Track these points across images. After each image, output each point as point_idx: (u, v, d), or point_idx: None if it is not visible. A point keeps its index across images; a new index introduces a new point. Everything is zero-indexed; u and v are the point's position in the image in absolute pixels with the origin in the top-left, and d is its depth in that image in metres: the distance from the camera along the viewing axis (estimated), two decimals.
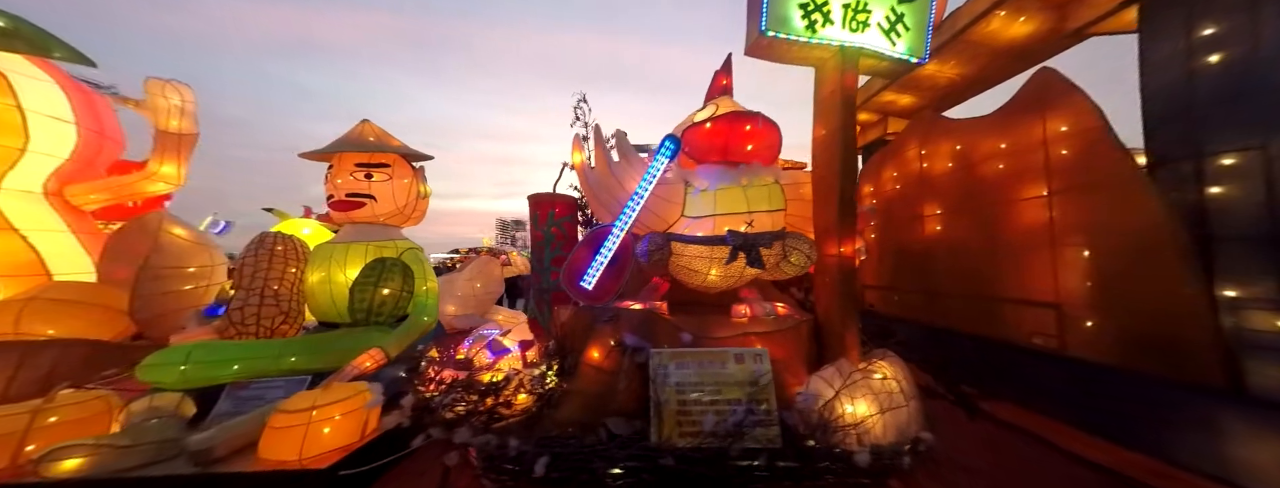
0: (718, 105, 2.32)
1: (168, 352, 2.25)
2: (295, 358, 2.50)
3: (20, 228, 2.95)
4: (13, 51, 2.92)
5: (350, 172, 3.14)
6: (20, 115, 2.86)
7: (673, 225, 2.29)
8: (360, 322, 2.75)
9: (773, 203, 2.17)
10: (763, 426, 1.62)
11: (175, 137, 3.48)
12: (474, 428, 1.63)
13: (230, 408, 2.24)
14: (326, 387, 1.98)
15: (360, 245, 3.10)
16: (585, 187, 2.39)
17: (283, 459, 1.75)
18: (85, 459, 1.62)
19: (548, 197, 3.45)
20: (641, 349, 1.87)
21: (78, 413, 1.86)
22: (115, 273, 2.99)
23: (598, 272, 2.21)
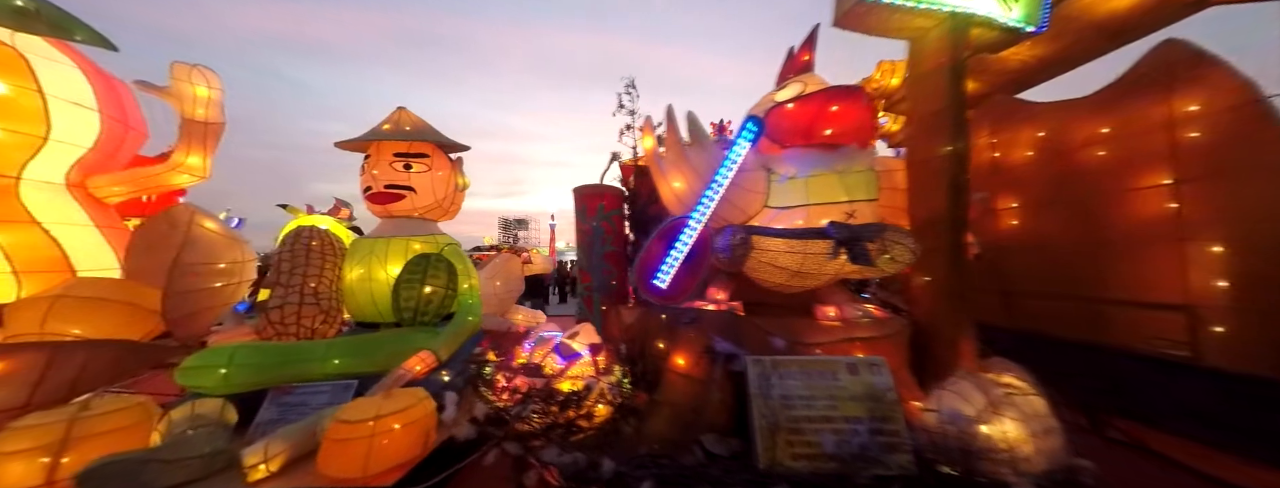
0: (805, 83, 2.12)
1: (208, 354, 2.10)
2: (339, 361, 2.34)
3: (43, 221, 2.82)
4: (33, 33, 2.78)
5: (389, 162, 2.98)
6: (42, 101, 2.72)
7: (753, 217, 2.10)
8: (405, 322, 2.59)
9: (870, 192, 1.96)
10: (893, 449, 1.42)
11: (201, 126, 3.33)
12: (560, 446, 1.45)
13: (275, 415, 2.09)
14: (387, 394, 1.81)
15: (401, 240, 2.94)
16: (656, 174, 2.19)
17: (345, 476, 1.58)
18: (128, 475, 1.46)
19: (596, 189, 3.27)
20: (735, 357, 1.67)
21: (116, 422, 1.72)
22: (142, 269, 2.85)
23: (673, 269, 2.01)
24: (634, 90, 3.34)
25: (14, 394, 2.12)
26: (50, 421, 1.61)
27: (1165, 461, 1.87)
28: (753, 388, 1.55)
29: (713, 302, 2.18)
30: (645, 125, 2.23)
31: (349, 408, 1.69)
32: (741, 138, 2.02)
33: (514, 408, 1.64)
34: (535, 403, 1.62)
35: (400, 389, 1.88)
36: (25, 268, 2.68)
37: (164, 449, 1.57)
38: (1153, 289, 2.26)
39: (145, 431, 1.79)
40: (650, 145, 2.18)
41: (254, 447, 1.61)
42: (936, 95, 1.96)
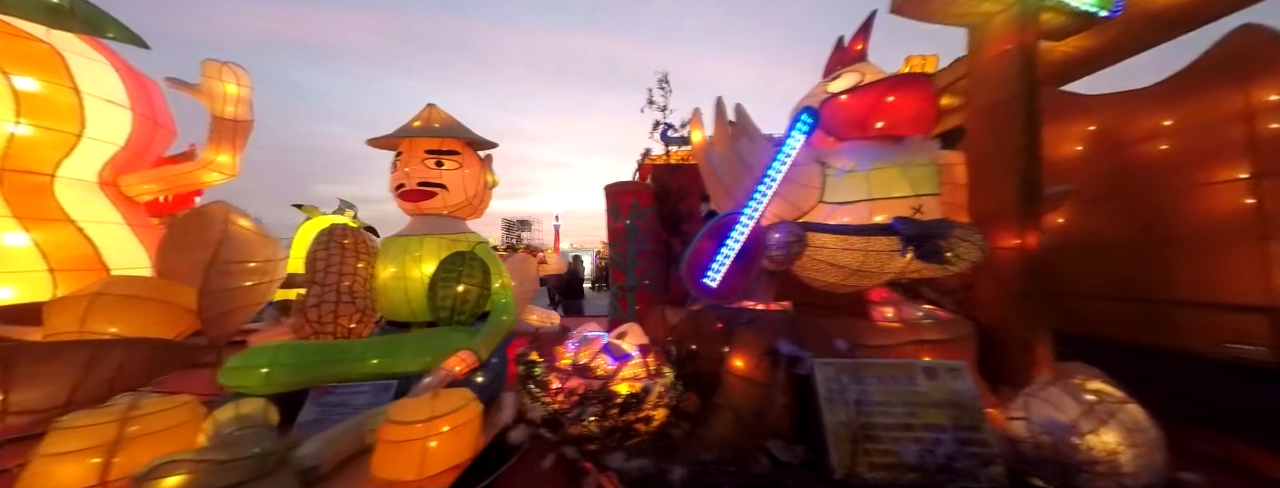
0: (862, 73, 2.05)
1: (251, 353, 2.07)
2: (377, 360, 2.31)
3: (77, 219, 2.82)
4: (67, 30, 2.78)
5: (421, 159, 2.94)
6: (77, 98, 2.72)
7: (806, 214, 2.02)
8: (442, 320, 2.55)
9: (934, 186, 1.89)
10: (984, 461, 1.33)
11: (231, 123, 3.33)
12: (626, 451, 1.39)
13: (316, 415, 2.06)
14: (435, 395, 1.77)
15: (434, 239, 2.90)
16: (705, 169, 2.13)
17: (400, 478, 1.54)
18: (187, 476, 1.43)
19: (629, 186, 3.22)
20: (800, 359, 1.60)
21: (165, 422, 1.69)
22: (175, 267, 2.84)
23: (724, 267, 1.95)
24: (666, 85, 3.27)
25: (55, 393, 2.10)
26: (101, 420, 1.58)
27: (1256, 476, 1.76)
28: (823, 393, 1.48)
29: (760, 302, 2.11)
30: (694, 119, 2.16)
31: (401, 409, 1.64)
32: (795, 131, 1.95)
33: (571, 411, 1.59)
34: (593, 405, 1.57)
35: (447, 390, 1.84)
36: (60, 266, 2.68)
37: (217, 450, 1.54)
38: (1229, 290, 2.15)
39: (192, 431, 1.76)
40: (699, 140, 2.12)
41: (306, 448, 1.57)
42: (1003, 84, 1.88)
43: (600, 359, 1.84)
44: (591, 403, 1.57)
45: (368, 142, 3.09)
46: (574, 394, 1.61)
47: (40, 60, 2.57)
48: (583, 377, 1.75)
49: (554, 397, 1.64)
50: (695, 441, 1.54)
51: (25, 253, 2.57)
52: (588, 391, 1.62)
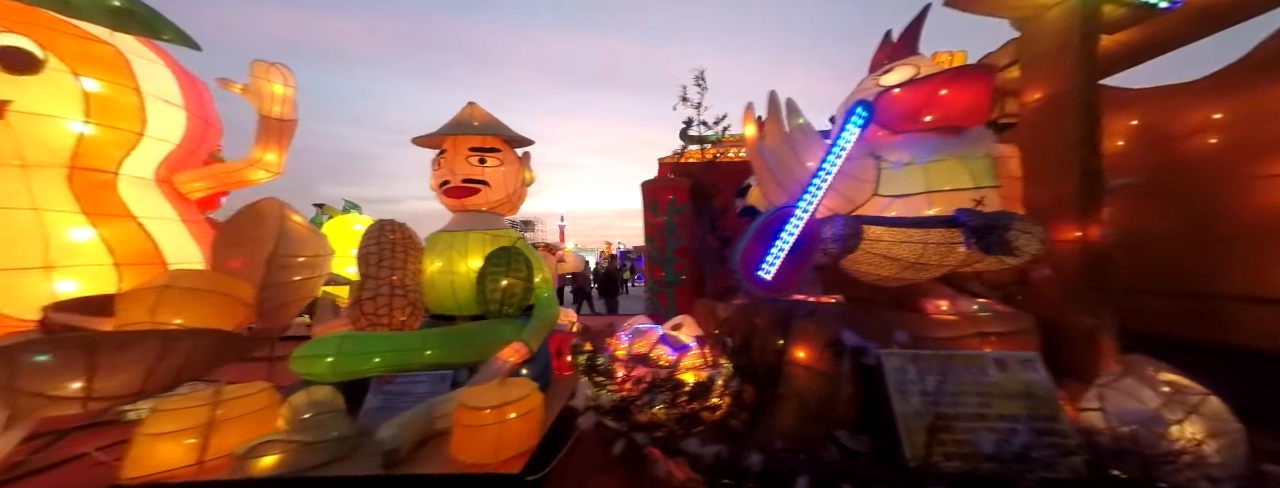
0: (917, 66, 2.06)
1: (317, 343, 2.15)
2: (432, 352, 2.37)
3: (138, 215, 2.93)
4: (128, 32, 2.88)
5: (465, 156, 3.01)
6: (139, 98, 2.82)
7: (860, 207, 2.05)
8: (491, 313, 2.61)
9: (993, 178, 1.90)
10: (1062, 451, 1.35)
11: (278, 123, 3.43)
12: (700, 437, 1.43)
13: (380, 403, 2.13)
14: (502, 383, 1.82)
15: (479, 234, 2.97)
16: (757, 163, 2.16)
17: (478, 461, 1.59)
18: (280, 455, 1.50)
19: (667, 183, 3.25)
20: (865, 350, 1.63)
21: (248, 406, 1.76)
22: (228, 262, 2.94)
23: (778, 261, 1.97)
24: (702, 83, 3.31)
25: (131, 381, 2.20)
26: (194, 404, 1.66)
27: None
28: (892, 383, 1.50)
29: (808, 296, 2.14)
30: (746, 113, 2.19)
31: (476, 396, 1.70)
32: (850, 124, 1.97)
33: (640, 398, 1.63)
34: (662, 393, 1.61)
35: (511, 379, 1.89)
36: (124, 260, 2.78)
37: (302, 432, 1.61)
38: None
39: (271, 415, 1.83)
40: (751, 133, 2.15)
41: (386, 431, 1.63)
42: (1061, 77, 1.88)
43: (660, 350, 1.88)
44: (661, 390, 1.61)
45: (414, 140, 3.17)
46: (642, 382, 1.65)
47: (107, 62, 2.68)
48: (645, 367, 1.79)
49: (621, 385, 1.69)
50: (761, 429, 1.57)
51: (92, 247, 2.68)
52: (655, 379, 1.66)
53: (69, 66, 2.51)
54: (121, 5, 2.84)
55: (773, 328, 1.91)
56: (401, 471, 1.58)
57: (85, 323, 2.28)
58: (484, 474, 1.55)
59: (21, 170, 2.51)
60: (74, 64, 2.53)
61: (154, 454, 1.53)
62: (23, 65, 2.37)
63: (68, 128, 2.57)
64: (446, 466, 1.61)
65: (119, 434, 2.84)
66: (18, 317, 2.42)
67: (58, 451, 2.60)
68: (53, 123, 2.51)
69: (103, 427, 2.97)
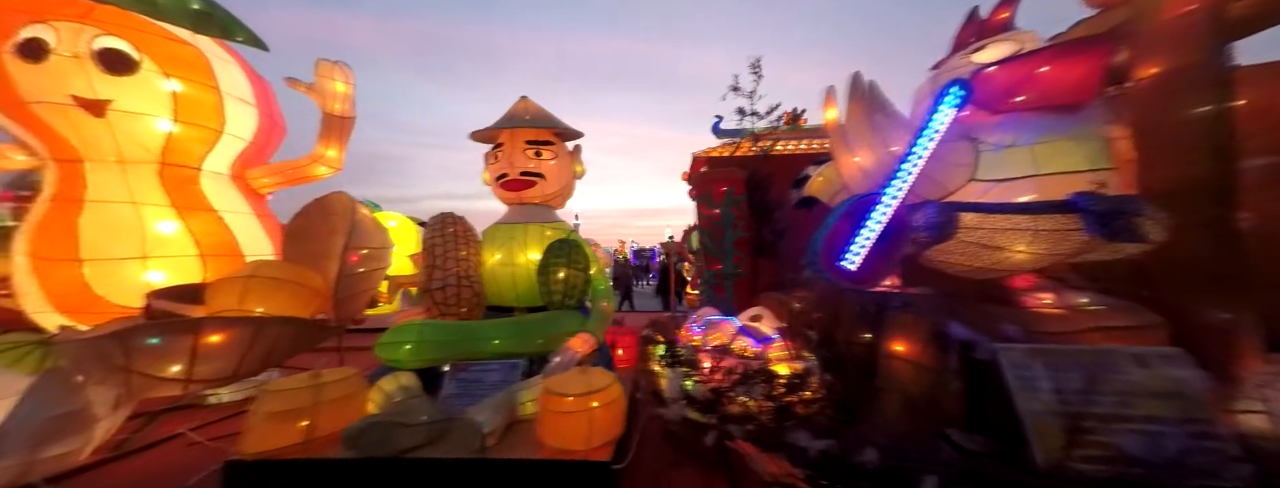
0: (1021, 42, 1.94)
1: (399, 330, 2.21)
2: (499, 341, 2.40)
3: (218, 209, 3.08)
4: (207, 34, 3.03)
5: (522, 149, 3.04)
6: (218, 98, 2.96)
7: (953, 193, 1.94)
8: (553, 305, 2.63)
9: (1109, 159, 1.76)
10: (1225, 458, 1.22)
11: (339, 120, 3.55)
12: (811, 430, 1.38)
13: (456, 390, 2.17)
14: (583, 371, 1.82)
15: (536, 226, 2.99)
16: (839, 149, 2.08)
17: (570, 448, 1.59)
18: (383, 437, 1.54)
19: (722, 174, 3.20)
20: (975, 343, 1.54)
21: (343, 390, 1.82)
22: (297, 254, 3.07)
23: (864, 250, 1.89)
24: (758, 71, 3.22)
25: (226, 365, 2.32)
26: (297, 386, 1.72)
27: None
28: (1012, 380, 1.41)
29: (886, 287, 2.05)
30: (828, 97, 2.12)
31: (561, 383, 1.70)
32: (943, 105, 1.86)
33: (733, 389, 1.59)
34: (758, 384, 1.57)
35: (591, 368, 1.89)
36: (208, 252, 2.94)
37: (400, 414, 1.65)
38: None
39: (362, 400, 1.89)
40: (832, 117, 2.07)
41: (481, 415, 1.65)
42: (1185, 49, 1.73)
43: (741, 341, 1.84)
44: (756, 382, 1.57)
45: (471, 135, 3.21)
46: (734, 373, 1.62)
47: (192, 63, 2.82)
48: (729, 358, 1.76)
49: (710, 376, 1.66)
50: (861, 425, 1.51)
51: (180, 239, 2.84)
52: (748, 370, 1.63)
53: (160, 67, 2.65)
54: (201, 8, 2.99)
55: (859, 320, 1.83)
56: (495, 454, 1.59)
57: (181, 310, 2.42)
58: (578, 461, 1.55)
59: (120, 166, 2.68)
60: (164, 65, 2.68)
61: (269, 434, 1.60)
62: (121, 66, 2.52)
63: (158, 126, 2.72)
64: (537, 451, 1.61)
65: (205, 416, 3.01)
66: (119, 303, 2.59)
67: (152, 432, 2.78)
68: (146, 121, 2.67)
69: (188, 409, 3.15)
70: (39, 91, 2.36)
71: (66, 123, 2.47)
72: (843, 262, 1.89)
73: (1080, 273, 2.25)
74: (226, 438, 2.62)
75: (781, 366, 1.66)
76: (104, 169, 2.65)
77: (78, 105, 2.44)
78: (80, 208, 2.53)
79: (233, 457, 1.57)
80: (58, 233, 2.47)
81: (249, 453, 1.56)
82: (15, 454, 1.78)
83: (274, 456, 1.57)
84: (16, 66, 2.32)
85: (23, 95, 2.35)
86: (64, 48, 2.37)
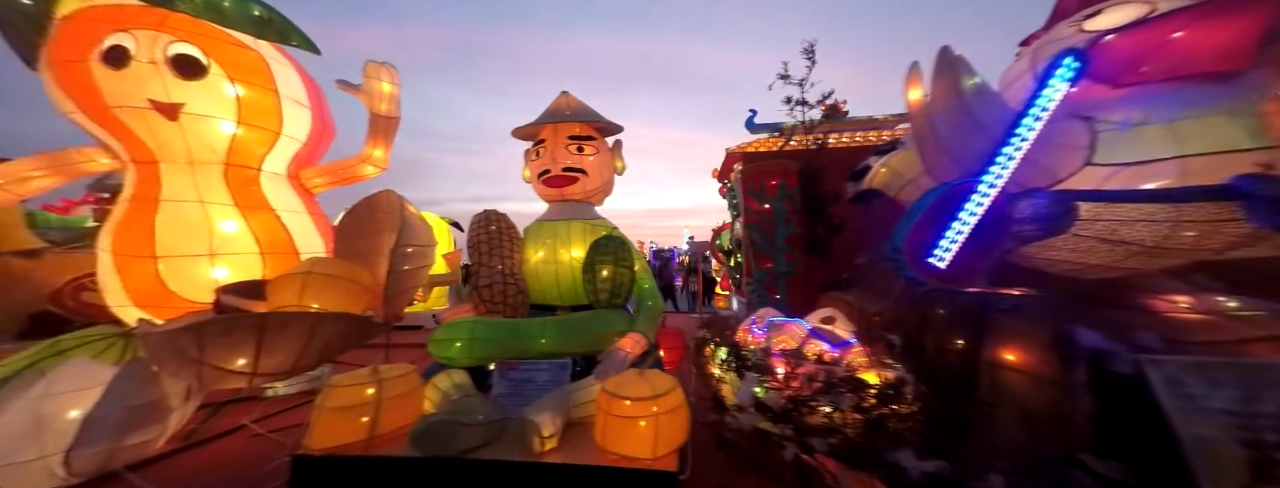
0: (1153, 4, 1.68)
1: (451, 327, 2.18)
2: (546, 340, 2.34)
3: (276, 208, 3.19)
4: (267, 39, 3.13)
5: (564, 145, 2.98)
6: (277, 100, 3.06)
7: (1064, 180, 1.70)
8: (600, 303, 2.54)
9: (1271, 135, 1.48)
10: None
11: (386, 120, 3.61)
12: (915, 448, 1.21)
13: (505, 389, 2.12)
14: (641, 374, 1.71)
15: (579, 224, 2.93)
16: (924, 132, 1.88)
17: (635, 455, 1.49)
18: (448, 436, 1.48)
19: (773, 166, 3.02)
20: (1111, 354, 1.31)
21: (402, 387, 1.79)
22: (347, 252, 3.13)
23: (956, 245, 1.68)
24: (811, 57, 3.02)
25: (287, 359, 2.36)
26: (360, 382, 1.70)
27: None
28: (1166, 398, 1.19)
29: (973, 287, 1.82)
30: (912, 75, 1.92)
31: (621, 385, 1.60)
32: (1055, 79, 1.63)
33: (814, 398, 1.44)
34: (845, 393, 1.41)
35: (650, 371, 1.78)
36: (267, 249, 3.05)
37: (461, 413, 1.59)
38: None
39: (419, 397, 1.86)
40: (917, 98, 1.88)
41: (540, 416, 1.57)
42: None
43: (814, 345, 1.68)
44: (842, 391, 1.41)
45: (513, 132, 3.19)
46: (815, 381, 1.47)
47: (253, 68, 2.93)
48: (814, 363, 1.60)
49: (786, 383, 1.52)
50: (971, 444, 1.32)
51: (243, 237, 2.95)
52: (833, 377, 1.47)
53: (226, 72, 2.76)
54: (261, 14, 3.10)
55: (953, 325, 1.63)
56: (554, 458, 1.51)
57: (246, 305, 2.50)
58: (645, 470, 1.45)
59: (190, 167, 2.81)
60: (230, 70, 2.79)
61: (337, 428, 1.59)
62: (193, 71, 2.63)
63: (224, 128, 2.84)
64: (599, 456, 1.52)
65: (264, 408, 3.13)
66: (190, 298, 2.72)
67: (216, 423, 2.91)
68: (213, 123, 2.78)
69: (248, 402, 3.29)
70: (121, 96, 2.50)
71: (144, 126, 2.60)
72: (931, 258, 1.70)
73: (1209, 272, 1.94)
74: (286, 430, 2.70)
75: (870, 374, 1.49)
76: (176, 170, 2.78)
77: (154, 109, 2.56)
78: (156, 207, 2.66)
79: (300, 451, 1.57)
80: (137, 231, 2.61)
81: (316, 449, 1.55)
82: (102, 441, 1.86)
83: (340, 451, 1.55)
84: (102, 73, 2.46)
85: (107, 100, 2.49)
86: (143, 54, 2.50)
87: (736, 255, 7.97)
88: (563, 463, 1.47)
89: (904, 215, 1.80)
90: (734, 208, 8.06)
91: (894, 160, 2.57)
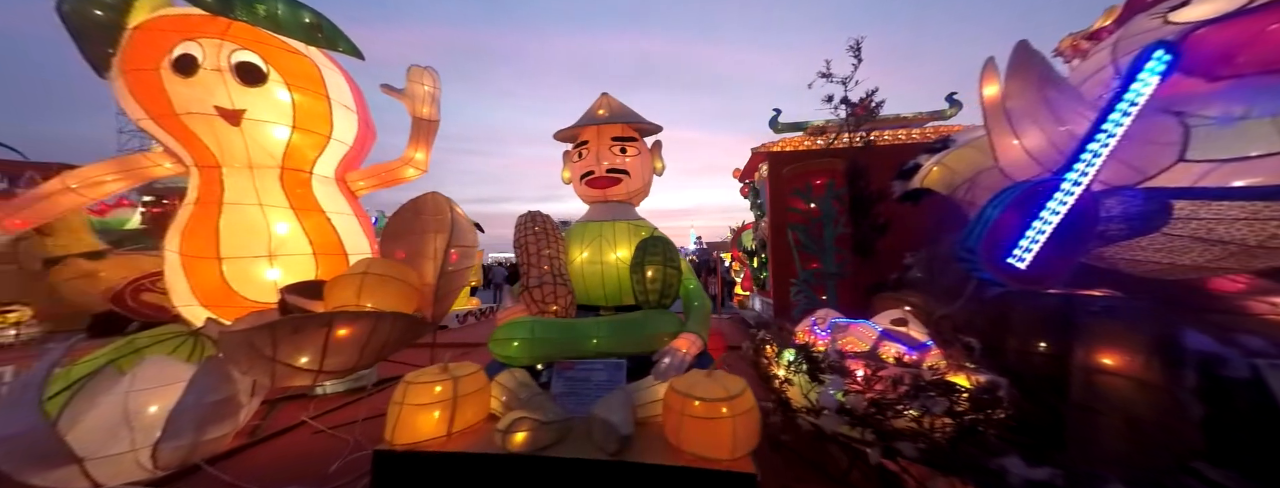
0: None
1: (512, 326, 2.21)
2: (597, 340, 2.35)
3: (326, 210, 3.27)
4: (317, 45, 3.22)
5: (608, 146, 2.99)
6: (328, 105, 3.14)
7: (1153, 178, 1.63)
8: (650, 304, 2.54)
9: None
10: None
11: (427, 124, 3.68)
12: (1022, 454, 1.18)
13: (565, 389, 2.13)
14: (709, 374, 1.70)
15: (623, 224, 2.94)
16: (998, 128, 1.83)
17: (713, 456, 1.49)
18: (528, 433, 1.50)
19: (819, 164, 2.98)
20: (1224, 358, 1.26)
21: (473, 385, 1.81)
22: (395, 253, 3.20)
23: (1037, 244, 1.63)
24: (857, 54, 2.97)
25: (350, 357, 2.42)
26: (436, 379, 1.73)
27: None
28: None
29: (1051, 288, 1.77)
30: (988, 70, 1.87)
31: (692, 385, 1.60)
32: (1146, 72, 1.58)
33: (900, 402, 1.41)
34: (935, 397, 1.38)
35: (719, 372, 1.77)
36: (320, 250, 3.13)
37: (537, 411, 1.61)
38: None
39: (487, 395, 1.89)
40: (993, 93, 1.83)
41: (615, 415, 1.58)
42: None
43: (890, 347, 1.65)
44: (931, 394, 1.39)
45: (556, 135, 3.22)
46: (901, 384, 1.44)
47: (308, 74, 3.01)
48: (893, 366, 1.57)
49: (868, 386, 1.49)
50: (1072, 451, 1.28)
51: (297, 238, 3.04)
52: (920, 380, 1.44)
53: (283, 78, 2.85)
54: (312, 21, 3.19)
55: (1037, 327, 1.59)
56: (631, 457, 1.52)
57: (307, 305, 2.57)
58: (725, 472, 1.44)
59: (249, 171, 2.91)
60: (287, 76, 2.87)
61: (418, 424, 1.62)
62: (254, 78, 2.72)
63: (281, 133, 2.92)
64: (675, 456, 1.52)
65: (318, 406, 3.21)
66: (250, 298, 2.81)
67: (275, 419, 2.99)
68: (271, 128, 2.87)
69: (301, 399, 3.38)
70: (189, 103, 2.59)
71: (209, 131, 2.70)
72: (1010, 259, 1.65)
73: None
74: (344, 426, 2.77)
75: (959, 377, 1.46)
76: (237, 174, 2.88)
77: (219, 115, 2.65)
78: (220, 210, 2.76)
79: (382, 447, 1.60)
80: (203, 233, 2.70)
81: (399, 444, 1.58)
82: (186, 435, 1.93)
83: (420, 447, 1.58)
84: (171, 81, 2.55)
85: (176, 107, 2.59)
86: (209, 62, 2.59)
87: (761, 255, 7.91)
88: (646, 463, 1.47)
89: (977, 215, 1.76)
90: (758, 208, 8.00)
91: (950, 158, 2.52)
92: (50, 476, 1.75)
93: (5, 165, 4.31)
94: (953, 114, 5.92)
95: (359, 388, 3.51)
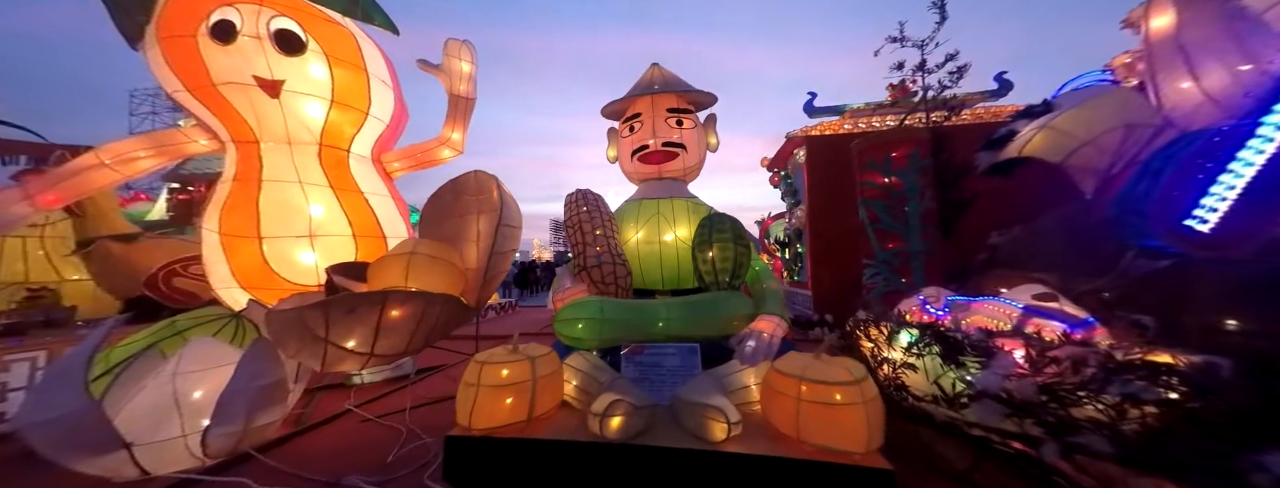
0: None
1: (579, 305, 2.02)
2: (663, 323, 2.15)
3: (364, 191, 3.12)
4: (353, 18, 3.06)
5: (664, 118, 2.78)
6: (366, 79, 2.99)
7: None
8: (719, 285, 2.33)
9: None
10: None
11: (465, 102, 3.51)
12: None
13: (636, 374, 1.95)
14: (818, 357, 1.49)
15: (682, 201, 2.74)
16: (1167, 65, 1.57)
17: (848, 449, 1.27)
18: (623, 418, 1.31)
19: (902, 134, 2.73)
20: None
21: (549, 366, 1.63)
22: (435, 234, 3.04)
23: (1226, 202, 1.37)
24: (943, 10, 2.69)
25: (400, 341, 2.27)
26: (515, 360, 1.55)
27: None
28: None
29: None
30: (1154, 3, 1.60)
31: (810, 369, 1.39)
32: None
33: (1091, 388, 1.17)
34: (1130, 382, 1.14)
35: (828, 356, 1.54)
36: (359, 232, 2.98)
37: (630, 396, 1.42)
38: None
39: (561, 378, 1.70)
40: (1163, 24, 1.56)
41: (718, 400, 1.38)
42: None
43: (1043, 324, 1.41)
44: (1129, 378, 1.14)
45: (603, 110, 3.03)
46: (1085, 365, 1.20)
47: (346, 45, 2.85)
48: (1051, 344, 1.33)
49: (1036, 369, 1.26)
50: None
51: (337, 219, 2.89)
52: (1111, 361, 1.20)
53: (323, 48, 2.70)
54: None
55: (1231, 300, 1.33)
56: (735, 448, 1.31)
57: (351, 286, 2.42)
58: (864, 468, 1.23)
59: (288, 148, 2.77)
60: (326, 46, 2.71)
61: (497, 406, 1.45)
62: (293, 47, 2.57)
63: (320, 107, 2.77)
64: (793, 448, 1.31)
65: (359, 395, 3.09)
66: (290, 279, 2.67)
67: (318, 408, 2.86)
68: (310, 102, 2.72)
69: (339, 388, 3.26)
70: (227, 72, 2.45)
71: (247, 103, 2.56)
72: (1189, 220, 1.39)
73: None
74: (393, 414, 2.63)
75: (1165, 356, 1.21)
76: (276, 150, 2.74)
77: (258, 85, 2.51)
78: (259, 187, 2.62)
79: (456, 432, 1.43)
80: (242, 211, 2.57)
81: (477, 429, 1.40)
82: (236, 420, 1.79)
83: (499, 433, 1.40)
84: (208, 48, 2.42)
85: (213, 77, 2.45)
86: (247, 28, 2.44)
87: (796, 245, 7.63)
88: (763, 454, 1.26)
89: (1138, 171, 1.50)
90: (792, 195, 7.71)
91: (1060, 121, 2.24)
92: (96, 462, 1.62)
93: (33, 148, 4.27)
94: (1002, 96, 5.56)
95: (401, 376, 3.37)
